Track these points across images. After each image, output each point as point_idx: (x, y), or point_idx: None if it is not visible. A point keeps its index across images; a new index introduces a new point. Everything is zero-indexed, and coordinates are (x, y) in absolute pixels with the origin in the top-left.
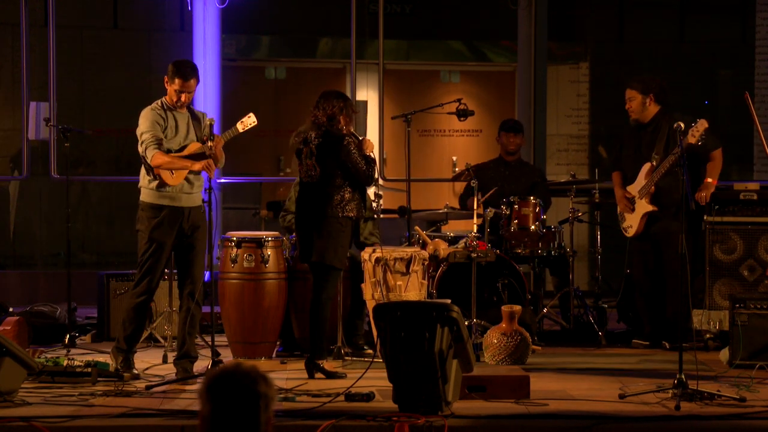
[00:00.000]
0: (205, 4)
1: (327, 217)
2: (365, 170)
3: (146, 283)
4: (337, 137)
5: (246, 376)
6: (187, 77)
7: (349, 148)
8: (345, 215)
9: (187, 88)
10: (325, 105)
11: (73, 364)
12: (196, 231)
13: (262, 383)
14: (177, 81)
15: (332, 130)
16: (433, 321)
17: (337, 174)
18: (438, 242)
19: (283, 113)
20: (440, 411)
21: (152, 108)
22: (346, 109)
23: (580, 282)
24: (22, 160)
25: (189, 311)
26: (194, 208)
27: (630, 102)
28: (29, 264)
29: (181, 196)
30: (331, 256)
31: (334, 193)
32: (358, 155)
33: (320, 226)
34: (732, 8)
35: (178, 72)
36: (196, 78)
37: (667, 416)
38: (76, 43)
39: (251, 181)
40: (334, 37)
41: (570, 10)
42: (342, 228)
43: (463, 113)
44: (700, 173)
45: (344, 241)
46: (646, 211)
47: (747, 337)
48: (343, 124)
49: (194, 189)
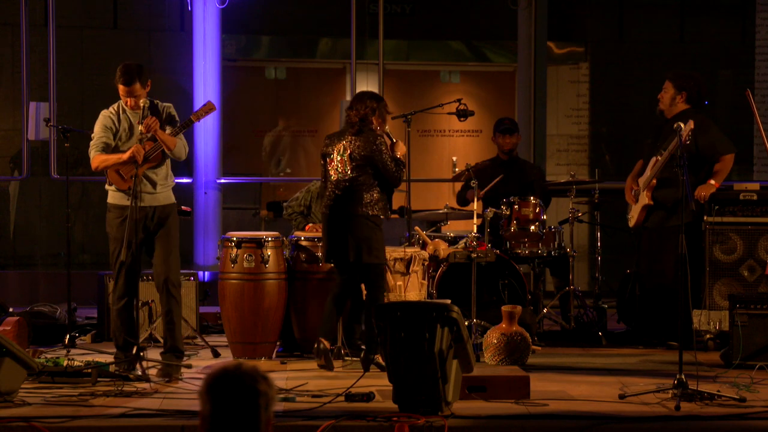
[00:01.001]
0: (205, 4)
1: (358, 216)
2: (394, 171)
3: (123, 284)
4: (370, 137)
5: (246, 376)
6: (128, 83)
7: (381, 147)
8: (374, 214)
9: (131, 92)
10: (358, 106)
11: (73, 364)
12: (162, 228)
13: (263, 383)
14: (120, 87)
15: (365, 131)
16: (433, 321)
17: (368, 173)
18: (438, 242)
19: (283, 113)
20: (440, 411)
21: (106, 114)
22: (379, 110)
23: (580, 282)
24: (22, 160)
25: (168, 307)
26: (158, 207)
27: (663, 92)
28: (29, 264)
29: (144, 196)
30: (366, 254)
31: (364, 192)
32: (388, 156)
33: (351, 225)
34: (732, 8)
35: (120, 78)
36: (139, 81)
37: (667, 416)
38: (76, 43)
39: (251, 182)
40: (334, 37)
41: (570, 10)
42: (373, 226)
43: (463, 113)
44: (703, 175)
45: (378, 238)
46: (644, 203)
47: (747, 337)
48: (376, 125)
49: (158, 189)
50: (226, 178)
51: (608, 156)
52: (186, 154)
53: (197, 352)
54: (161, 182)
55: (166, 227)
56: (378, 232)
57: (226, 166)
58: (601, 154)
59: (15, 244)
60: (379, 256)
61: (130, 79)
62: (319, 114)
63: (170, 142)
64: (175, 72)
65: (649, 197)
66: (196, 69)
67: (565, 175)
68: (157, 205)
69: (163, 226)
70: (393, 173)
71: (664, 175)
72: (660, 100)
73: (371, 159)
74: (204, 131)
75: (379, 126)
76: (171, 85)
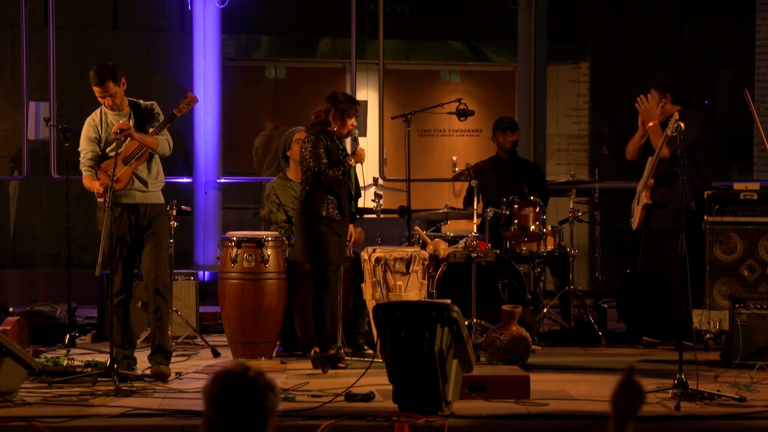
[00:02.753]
0: (205, 4)
1: (299, 215)
2: (313, 167)
3: (120, 282)
4: (305, 137)
5: (254, 388)
6: (100, 83)
7: (304, 147)
8: (313, 213)
9: (105, 92)
10: (318, 108)
11: (73, 364)
12: (152, 227)
13: (270, 396)
14: (94, 89)
15: (312, 131)
16: (433, 321)
17: (306, 173)
18: (438, 242)
19: (283, 113)
20: (440, 411)
21: (89, 122)
22: (335, 110)
23: (580, 282)
24: (22, 160)
25: (156, 306)
26: (150, 205)
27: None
28: (29, 264)
29: (135, 194)
30: (299, 253)
31: (308, 192)
32: (309, 155)
33: (298, 225)
34: (732, 8)
35: (93, 79)
36: (112, 80)
37: (667, 416)
38: (76, 43)
39: (251, 181)
40: (334, 37)
41: (570, 10)
42: (309, 225)
43: (463, 113)
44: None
45: (314, 236)
46: (644, 203)
47: (747, 337)
48: (334, 126)
49: (150, 187)
50: (226, 178)
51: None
52: (171, 149)
53: (197, 352)
54: (152, 181)
55: (156, 226)
56: (314, 230)
57: (226, 167)
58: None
59: (15, 244)
60: (314, 256)
61: (102, 79)
62: None
63: (151, 141)
64: (175, 72)
65: (647, 197)
66: (196, 69)
67: (565, 174)
68: (149, 203)
69: (152, 225)
70: (315, 172)
71: (659, 173)
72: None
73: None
74: (204, 131)
75: (337, 127)
76: (171, 85)
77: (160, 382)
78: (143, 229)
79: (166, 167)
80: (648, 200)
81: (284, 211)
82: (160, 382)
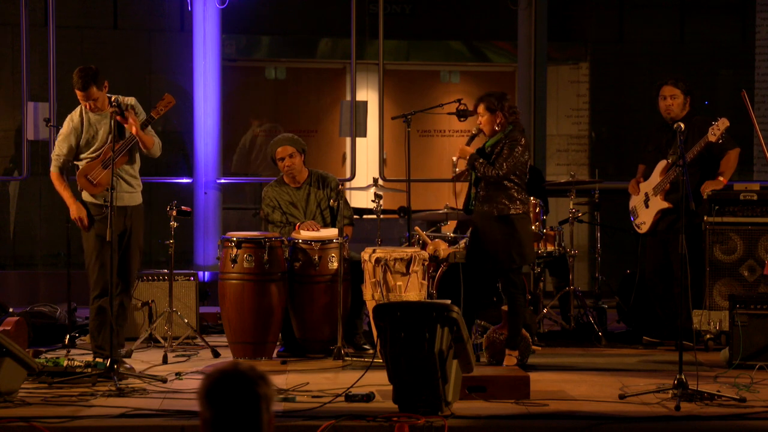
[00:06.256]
0: (205, 4)
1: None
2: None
3: (105, 285)
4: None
5: (244, 379)
6: (83, 87)
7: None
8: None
9: (88, 96)
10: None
11: (73, 364)
12: (134, 227)
13: (262, 384)
14: (76, 92)
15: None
16: (433, 321)
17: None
18: (438, 242)
19: (283, 113)
20: (440, 411)
21: (69, 121)
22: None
23: (580, 282)
24: (22, 160)
25: (122, 304)
26: (134, 207)
27: (672, 100)
28: (29, 264)
29: (123, 196)
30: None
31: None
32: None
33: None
34: (732, 8)
35: (76, 84)
36: (95, 85)
37: (667, 416)
38: (76, 43)
39: (251, 182)
40: (334, 37)
41: (570, 11)
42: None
43: (463, 113)
44: (713, 172)
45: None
46: (661, 208)
47: (747, 337)
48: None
49: (135, 188)
50: (226, 178)
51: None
52: (160, 150)
53: (197, 353)
54: (137, 183)
55: (136, 227)
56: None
57: (226, 167)
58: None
59: (15, 244)
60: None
61: (86, 84)
62: (319, 114)
63: (148, 141)
64: (175, 72)
65: (665, 201)
66: (196, 69)
67: (565, 175)
68: (133, 205)
69: (134, 226)
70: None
71: (676, 178)
72: (669, 109)
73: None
74: (204, 131)
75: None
76: (171, 85)
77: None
78: (126, 229)
79: (166, 168)
80: (667, 204)
81: (281, 212)
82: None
